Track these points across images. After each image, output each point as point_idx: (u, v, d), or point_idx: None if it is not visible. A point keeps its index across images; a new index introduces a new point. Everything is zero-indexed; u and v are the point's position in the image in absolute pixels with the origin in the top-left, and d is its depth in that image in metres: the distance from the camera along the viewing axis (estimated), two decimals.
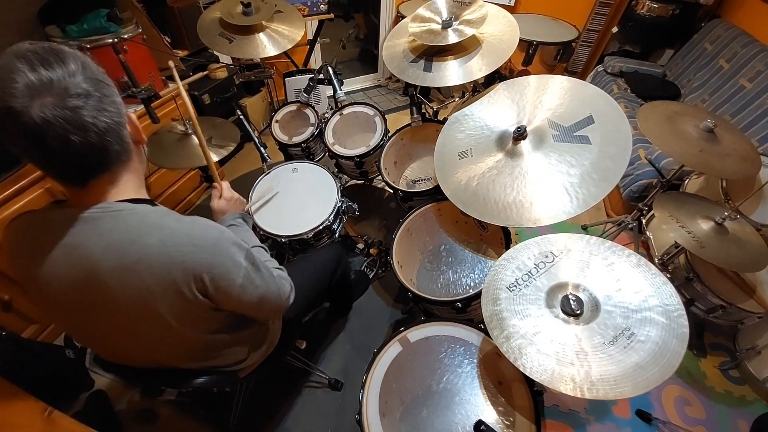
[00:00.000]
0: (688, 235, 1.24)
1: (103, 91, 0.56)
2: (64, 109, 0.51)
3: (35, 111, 0.49)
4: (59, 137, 0.51)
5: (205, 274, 0.64)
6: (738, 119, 1.87)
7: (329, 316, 1.69)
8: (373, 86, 3.54)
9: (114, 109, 0.58)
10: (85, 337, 0.77)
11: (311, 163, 1.61)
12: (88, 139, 0.54)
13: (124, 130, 0.61)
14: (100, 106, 0.55)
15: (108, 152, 0.59)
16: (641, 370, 0.69)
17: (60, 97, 0.51)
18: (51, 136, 0.51)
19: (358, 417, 0.86)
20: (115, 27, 1.57)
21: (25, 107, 0.49)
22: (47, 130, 0.50)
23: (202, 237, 0.65)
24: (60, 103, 0.51)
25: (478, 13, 1.30)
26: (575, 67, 2.94)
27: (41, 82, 0.50)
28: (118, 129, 0.59)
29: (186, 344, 0.76)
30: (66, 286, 0.62)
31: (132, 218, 0.62)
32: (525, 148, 1.07)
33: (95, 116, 0.54)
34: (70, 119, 0.51)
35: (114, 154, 0.60)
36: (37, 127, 0.50)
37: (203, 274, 0.64)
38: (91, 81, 0.55)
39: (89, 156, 0.56)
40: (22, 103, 0.49)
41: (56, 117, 0.50)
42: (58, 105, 0.50)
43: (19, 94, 0.49)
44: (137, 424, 1.36)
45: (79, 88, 0.53)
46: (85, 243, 0.60)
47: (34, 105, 0.49)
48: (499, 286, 0.88)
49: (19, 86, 0.49)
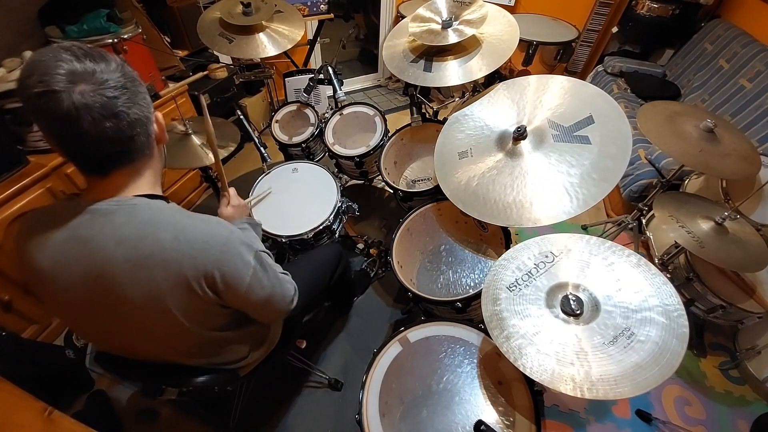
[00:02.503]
0: (688, 235, 1.24)
1: (138, 88, 0.61)
2: (102, 96, 0.55)
3: (75, 95, 0.53)
4: (93, 121, 0.55)
5: (216, 271, 0.65)
6: (738, 119, 1.87)
7: (329, 315, 1.69)
8: (373, 86, 3.54)
9: (144, 105, 0.62)
10: (88, 330, 0.77)
11: (311, 163, 1.61)
12: (119, 126, 0.58)
13: (151, 126, 0.65)
14: (134, 100, 0.59)
15: (135, 143, 0.62)
16: (641, 370, 0.69)
17: (99, 86, 0.55)
18: (86, 119, 0.54)
19: (358, 417, 0.86)
20: (115, 27, 1.57)
21: (65, 90, 0.52)
22: (83, 114, 0.54)
23: (214, 235, 0.66)
24: (99, 90, 0.55)
25: (478, 13, 1.30)
26: (575, 67, 2.94)
27: (84, 70, 0.54)
28: (147, 123, 0.63)
29: (190, 340, 0.76)
30: (74, 278, 0.63)
31: (146, 213, 0.64)
32: (525, 148, 1.07)
33: (128, 108, 0.58)
34: (106, 106, 0.55)
35: (140, 146, 0.64)
36: (75, 109, 0.53)
37: (214, 271, 0.65)
38: (128, 77, 0.59)
39: (117, 144, 0.60)
40: (63, 87, 0.52)
41: (94, 102, 0.54)
42: (98, 92, 0.55)
43: (62, 79, 0.52)
44: (137, 424, 1.36)
45: (117, 82, 0.57)
46: (97, 236, 0.61)
47: (75, 89, 0.53)
48: (499, 286, 0.88)
49: (63, 71, 0.53)
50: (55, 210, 0.66)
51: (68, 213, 0.63)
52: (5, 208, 1.30)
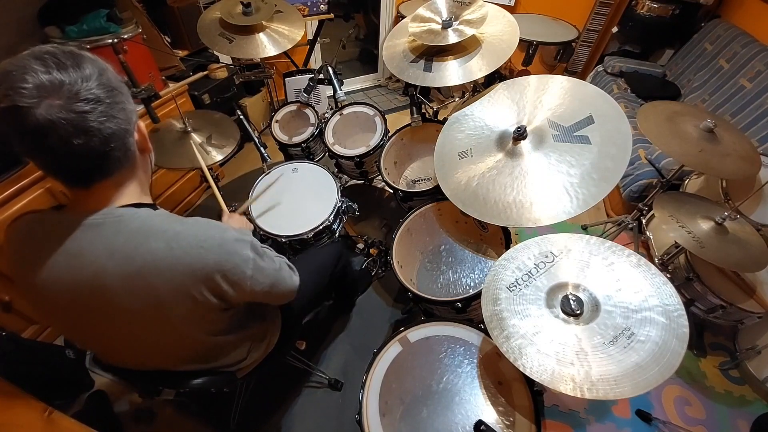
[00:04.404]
0: (688, 235, 1.24)
1: (115, 98, 0.56)
2: (70, 112, 0.51)
3: (41, 111, 0.49)
4: (61, 139, 0.51)
5: (216, 274, 0.64)
6: (738, 119, 1.87)
7: (330, 315, 1.69)
8: (373, 86, 3.54)
9: (123, 117, 0.58)
10: (85, 341, 0.77)
11: (311, 163, 1.61)
12: (90, 144, 0.54)
13: (130, 138, 0.61)
14: (108, 113, 0.55)
15: (109, 158, 0.58)
16: (641, 370, 0.69)
17: (68, 100, 0.51)
18: (53, 137, 0.50)
19: (358, 417, 0.86)
20: (114, 27, 1.57)
21: (31, 106, 0.49)
22: (50, 131, 0.50)
23: (208, 238, 0.65)
24: (67, 106, 0.51)
25: (478, 13, 1.30)
26: (575, 67, 2.94)
27: (52, 83, 0.50)
28: (124, 136, 0.59)
29: (189, 347, 0.76)
30: (67, 293, 0.62)
31: (135, 222, 0.62)
32: (525, 148, 1.07)
33: (101, 122, 0.54)
34: (75, 122, 0.51)
35: (115, 161, 0.60)
36: (41, 127, 0.49)
37: (214, 274, 0.64)
38: (104, 87, 0.55)
39: (90, 160, 0.56)
40: (28, 103, 0.49)
41: (60, 119, 0.50)
42: (65, 108, 0.50)
43: (28, 94, 0.49)
44: (137, 424, 1.36)
45: (90, 94, 0.53)
46: (88, 249, 0.60)
47: (41, 105, 0.49)
48: (499, 286, 0.88)
49: (29, 86, 0.49)
50: (45, 222, 0.64)
51: (58, 226, 0.61)
52: (5, 208, 1.30)
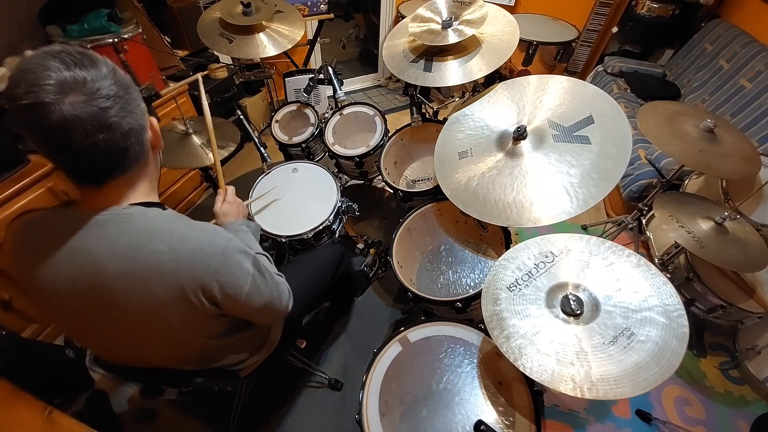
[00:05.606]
0: (688, 235, 1.24)
1: (131, 94, 0.59)
2: (94, 107, 0.52)
3: (66, 107, 0.50)
4: (85, 134, 0.52)
5: (214, 282, 0.64)
6: (738, 119, 1.87)
7: (330, 316, 1.69)
8: (373, 86, 3.54)
9: (138, 112, 0.60)
10: (85, 339, 0.77)
11: (311, 163, 1.61)
12: (113, 138, 0.55)
13: (145, 134, 0.63)
14: (127, 109, 0.57)
15: (129, 153, 0.60)
16: (641, 370, 0.69)
17: (91, 96, 0.52)
18: (78, 132, 0.52)
19: (358, 417, 0.86)
20: (115, 27, 1.57)
21: (55, 102, 0.50)
22: (74, 127, 0.51)
23: (212, 244, 0.65)
24: (91, 101, 0.52)
25: (478, 13, 1.30)
26: (575, 67, 2.94)
27: (75, 80, 0.51)
28: (141, 132, 0.61)
29: (189, 348, 0.76)
30: (68, 290, 0.62)
31: (141, 222, 0.62)
32: (525, 148, 1.07)
33: (121, 117, 0.56)
34: (99, 117, 0.53)
35: (134, 156, 0.61)
36: (66, 123, 0.50)
37: (212, 282, 0.64)
38: (120, 85, 0.56)
39: (110, 156, 0.58)
40: (53, 98, 0.49)
41: (86, 114, 0.51)
42: (89, 103, 0.52)
43: (52, 90, 0.50)
44: (137, 424, 1.36)
45: (110, 90, 0.54)
46: (91, 247, 0.60)
47: (66, 101, 0.50)
48: (499, 286, 0.88)
49: (52, 82, 0.50)
50: (50, 219, 0.64)
51: (63, 223, 0.62)
52: (6, 207, 1.29)
